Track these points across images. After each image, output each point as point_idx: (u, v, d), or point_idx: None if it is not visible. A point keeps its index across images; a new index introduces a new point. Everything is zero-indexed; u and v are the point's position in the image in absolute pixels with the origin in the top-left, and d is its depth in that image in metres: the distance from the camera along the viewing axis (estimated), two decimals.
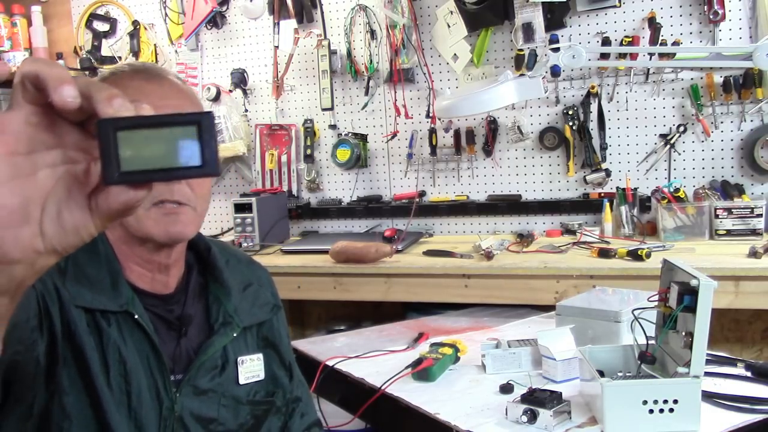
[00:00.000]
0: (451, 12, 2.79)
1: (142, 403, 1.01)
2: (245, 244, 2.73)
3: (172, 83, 1.08)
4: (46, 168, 0.51)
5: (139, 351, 1.02)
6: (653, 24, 2.55)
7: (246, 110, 3.17)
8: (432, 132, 2.88)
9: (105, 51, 3.34)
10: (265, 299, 1.23)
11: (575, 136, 2.70)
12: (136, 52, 3.22)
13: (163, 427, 1.03)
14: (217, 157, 0.52)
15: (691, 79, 2.56)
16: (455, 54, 2.82)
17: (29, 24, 3.38)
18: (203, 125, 0.52)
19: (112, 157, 0.50)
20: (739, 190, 2.49)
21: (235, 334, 1.13)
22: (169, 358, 1.05)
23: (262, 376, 1.17)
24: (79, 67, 3.34)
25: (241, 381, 1.13)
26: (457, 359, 1.59)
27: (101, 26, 3.35)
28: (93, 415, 0.96)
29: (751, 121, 2.52)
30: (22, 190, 0.50)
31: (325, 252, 2.47)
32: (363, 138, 3.00)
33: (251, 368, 1.16)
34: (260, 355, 1.18)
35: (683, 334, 1.20)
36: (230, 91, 3.15)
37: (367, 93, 2.97)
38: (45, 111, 0.51)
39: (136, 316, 1.01)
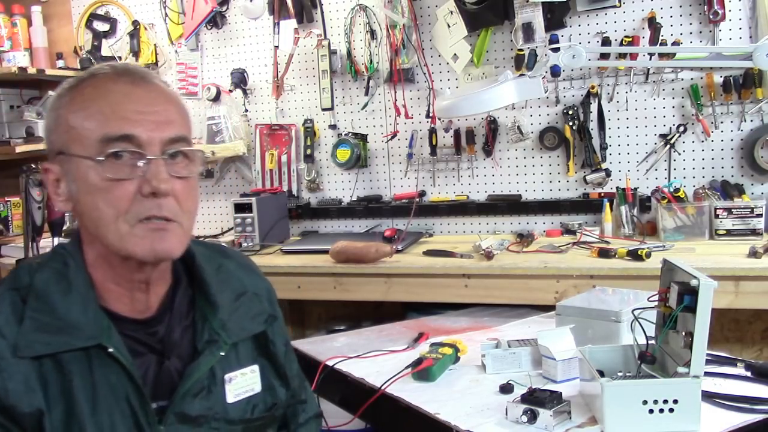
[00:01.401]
0: (451, 12, 2.79)
1: None
2: (245, 244, 2.73)
3: (158, 87, 1.00)
4: None
5: (114, 385, 0.95)
6: (653, 24, 2.55)
7: (246, 110, 3.16)
8: (432, 132, 2.88)
9: (105, 51, 3.34)
10: (260, 309, 1.14)
11: (575, 136, 2.70)
12: (136, 52, 3.22)
13: None
14: None
15: (691, 79, 2.56)
16: (455, 54, 2.82)
17: (29, 24, 3.37)
18: None
19: None
20: (739, 190, 2.49)
21: (222, 353, 1.05)
22: (151, 384, 0.99)
23: (257, 389, 1.10)
24: (79, 67, 3.34)
25: (230, 399, 1.05)
26: (457, 359, 1.59)
27: (101, 26, 3.35)
28: None
29: (751, 121, 2.51)
30: None
31: (325, 252, 2.47)
32: (363, 138, 3.00)
33: (242, 383, 1.08)
34: (254, 367, 1.11)
35: (683, 334, 1.20)
36: (230, 91, 3.15)
37: (367, 93, 2.97)
38: None
39: (110, 350, 0.94)
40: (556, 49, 2.28)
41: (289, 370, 1.20)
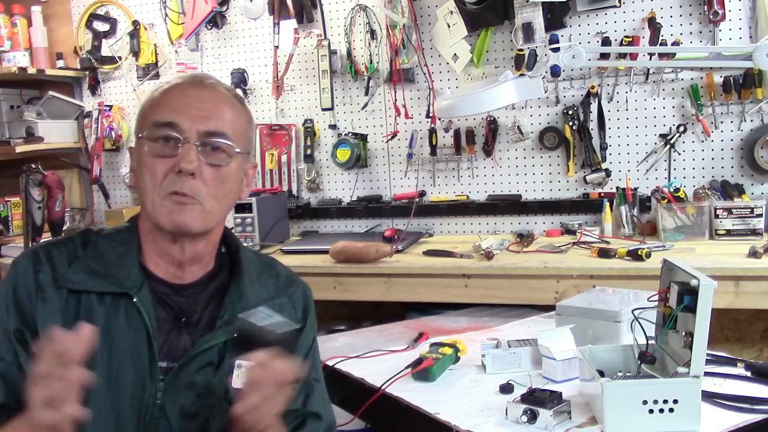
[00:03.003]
0: (451, 12, 2.79)
1: (123, 388, 1.05)
2: (245, 245, 2.72)
3: (215, 90, 1.15)
4: None
5: (131, 335, 1.07)
6: (653, 24, 2.55)
7: None
8: (432, 132, 2.88)
9: (105, 51, 3.34)
10: (290, 315, 1.20)
11: (575, 136, 2.70)
12: (136, 52, 3.22)
13: (144, 413, 1.05)
14: None
15: (691, 79, 2.56)
16: (455, 54, 2.82)
17: (29, 24, 3.37)
18: None
19: None
20: (739, 190, 2.49)
21: (236, 334, 1.11)
22: (165, 345, 1.09)
23: None
24: (79, 67, 3.34)
25: (236, 384, 1.08)
26: (457, 359, 1.59)
27: (101, 26, 3.35)
28: None
29: (751, 121, 2.51)
30: None
31: (325, 252, 2.46)
32: (363, 138, 3.00)
33: None
34: None
35: (683, 334, 1.20)
36: None
37: (367, 93, 2.97)
38: None
39: (134, 300, 1.08)
40: (556, 49, 2.27)
41: (309, 376, 1.23)
